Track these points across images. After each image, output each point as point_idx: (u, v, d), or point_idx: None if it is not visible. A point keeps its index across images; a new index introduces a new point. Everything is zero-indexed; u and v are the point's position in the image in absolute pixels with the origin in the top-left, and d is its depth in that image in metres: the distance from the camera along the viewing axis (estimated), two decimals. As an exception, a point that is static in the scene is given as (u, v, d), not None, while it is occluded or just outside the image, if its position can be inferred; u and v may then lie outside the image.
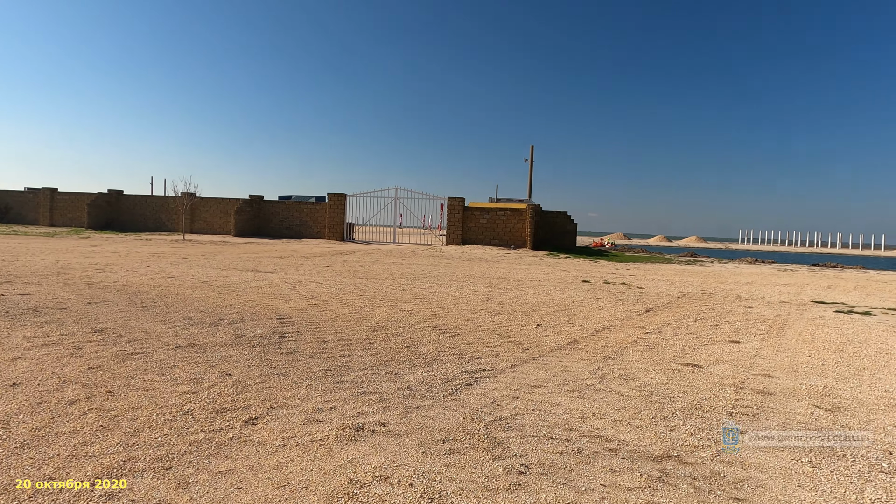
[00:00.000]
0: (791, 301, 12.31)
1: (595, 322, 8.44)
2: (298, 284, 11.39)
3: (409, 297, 10.17)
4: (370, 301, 9.50)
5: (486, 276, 14.96)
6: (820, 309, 11.21)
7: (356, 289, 11.09)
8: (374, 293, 10.56)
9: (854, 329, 8.73)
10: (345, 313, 8.12)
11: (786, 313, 10.30)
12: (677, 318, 9.21)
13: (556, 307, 9.82)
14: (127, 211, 35.51)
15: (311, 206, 33.07)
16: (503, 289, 12.37)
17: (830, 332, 8.44)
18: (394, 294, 10.54)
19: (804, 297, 13.30)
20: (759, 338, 7.69)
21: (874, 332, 8.50)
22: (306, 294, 10.03)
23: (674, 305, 10.79)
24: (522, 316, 8.69)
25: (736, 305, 11.15)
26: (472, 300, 10.24)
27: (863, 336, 8.14)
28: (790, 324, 9.08)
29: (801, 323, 9.23)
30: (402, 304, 9.36)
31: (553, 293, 11.89)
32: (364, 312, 8.28)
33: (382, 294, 10.48)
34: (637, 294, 12.37)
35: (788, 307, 11.26)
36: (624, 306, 10.32)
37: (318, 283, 11.66)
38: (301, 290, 10.48)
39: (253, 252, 20.57)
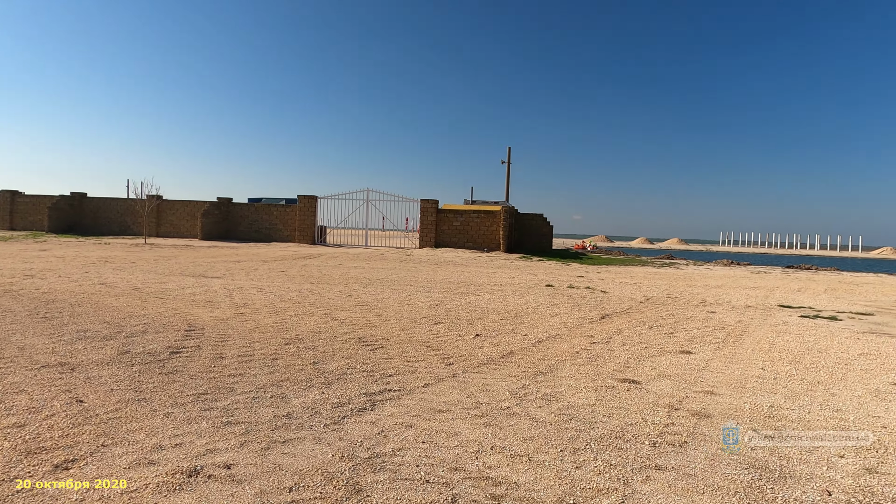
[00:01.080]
0: (757, 305, 11.85)
1: (542, 331, 7.86)
2: (238, 291, 10.68)
3: (351, 305, 9.52)
4: (305, 309, 8.83)
5: (447, 281, 14.35)
6: (785, 314, 10.75)
7: (298, 295, 10.42)
8: (315, 300, 9.89)
9: (816, 336, 8.25)
10: (268, 323, 7.45)
11: (748, 319, 9.81)
12: (632, 325, 8.67)
13: (506, 314, 9.23)
14: (91, 214, 34.36)
15: (280, 209, 32.24)
16: (459, 294, 11.77)
17: (791, 339, 7.94)
18: (335, 301, 9.89)
19: (771, 300, 12.87)
20: (713, 347, 7.15)
21: (836, 340, 8.02)
22: (240, 301, 9.34)
23: (633, 311, 10.26)
24: (465, 325, 8.09)
25: (698, 311, 10.65)
26: (418, 307, 9.62)
27: (824, 344, 7.65)
28: (750, 331, 8.58)
29: (762, 330, 8.73)
30: (339, 312, 8.71)
31: (510, 299, 11.31)
32: (290, 322, 7.61)
33: (323, 301, 9.82)
34: (598, 299, 11.84)
35: (753, 312, 10.79)
36: (579, 313, 9.76)
37: (259, 290, 10.96)
38: (237, 297, 9.79)
39: (211, 256, 19.77)
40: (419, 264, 19.95)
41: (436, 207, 30.54)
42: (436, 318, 8.58)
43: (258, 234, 32.19)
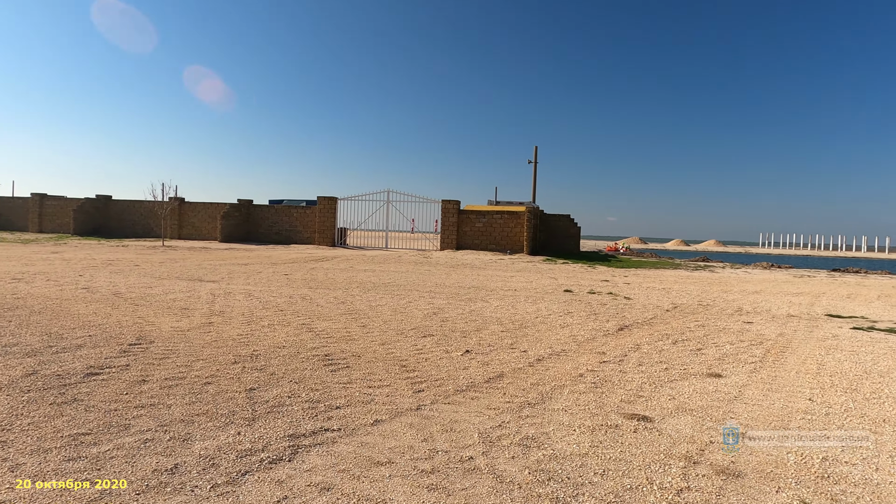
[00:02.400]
0: (801, 314, 10.50)
1: (545, 346, 6.80)
2: (224, 296, 9.90)
3: (338, 313, 8.61)
4: (284, 318, 7.96)
5: (458, 285, 13.35)
6: (834, 325, 9.41)
7: (286, 302, 9.57)
8: (302, 307, 9.03)
9: (874, 354, 6.97)
10: (231, 336, 6.59)
11: (791, 331, 8.54)
12: (653, 339, 7.52)
13: (509, 325, 8.19)
14: (115, 216, 34.53)
15: (301, 211, 31.73)
16: (465, 300, 10.76)
17: (844, 358, 6.69)
18: (323, 309, 9.00)
19: (817, 309, 11.46)
20: (748, 368, 5.98)
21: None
22: (218, 309, 8.53)
23: (657, 321, 9.08)
24: (458, 338, 7.08)
25: (733, 321, 9.40)
26: (413, 315, 8.65)
27: (885, 364, 6.39)
28: (794, 346, 7.34)
29: (808, 345, 7.48)
30: (320, 321, 7.81)
31: (520, 306, 10.25)
32: (257, 335, 6.74)
33: (310, 309, 8.94)
34: (620, 307, 10.67)
35: (796, 323, 9.47)
36: (595, 323, 8.64)
37: (248, 295, 10.16)
38: (218, 304, 8.99)
39: (221, 259, 19.21)
40: (434, 267, 19.00)
41: (457, 208, 29.55)
42: (427, 329, 7.59)
43: (278, 235, 31.75)
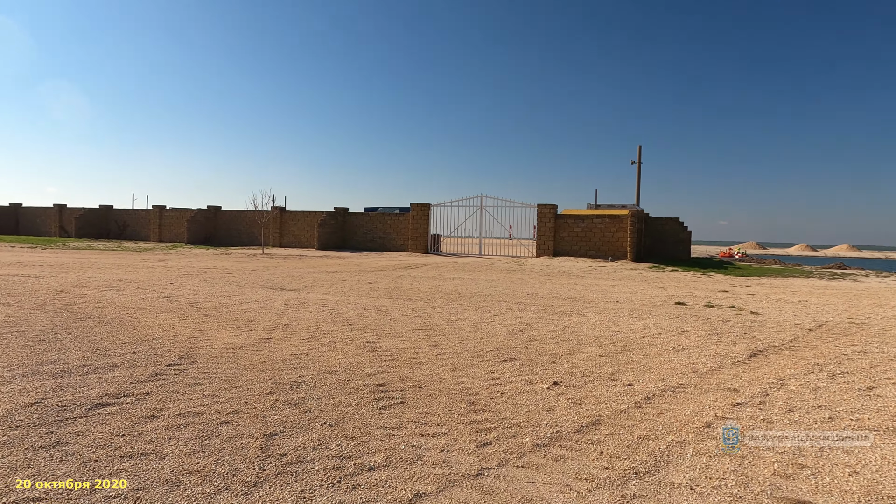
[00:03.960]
0: None
1: (656, 377, 5.41)
2: (298, 307, 9.33)
3: (411, 329, 7.67)
4: (349, 334, 7.14)
5: (552, 296, 12.03)
6: None
7: (358, 314, 8.80)
8: (373, 321, 8.19)
9: None
10: (283, 355, 5.82)
11: None
12: (800, 370, 5.86)
13: (610, 347, 6.83)
14: (224, 226, 36.36)
15: (394, 218, 31.58)
16: (559, 314, 9.46)
17: None
18: (396, 323, 8.10)
19: None
20: (954, 422, 4.27)
21: None
22: (285, 322, 7.90)
23: (799, 345, 7.30)
24: (546, 363, 5.87)
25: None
26: (495, 333, 7.52)
27: None
28: None
29: None
30: (387, 339, 6.89)
31: (623, 322, 8.79)
32: (314, 354, 5.92)
33: (382, 323, 8.08)
34: (747, 324, 8.87)
35: None
36: (718, 346, 7.05)
37: (322, 306, 9.52)
38: (288, 315, 8.39)
39: (311, 266, 19.14)
40: (528, 275, 17.71)
41: (554, 213, 27.98)
42: (510, 351, 6.43)
43: (373, 243, 31.80)
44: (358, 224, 32.40)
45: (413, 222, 30.29)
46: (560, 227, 27.88)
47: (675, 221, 30.29)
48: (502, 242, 31.66)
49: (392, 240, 31.42)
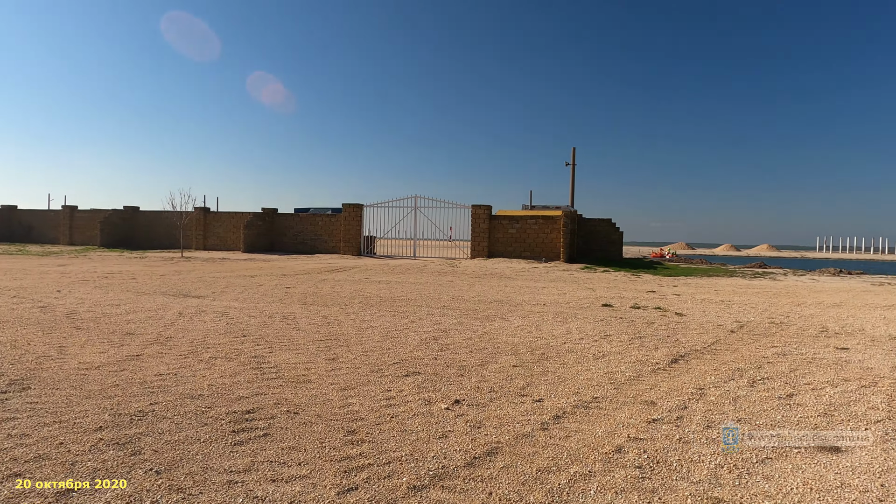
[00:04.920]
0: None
1: (571, 390, 4.91)
2: (193, 316, 8.38)
3: (313, 340, 6.92)
4: (241, 347, 6.32)
5: (478, 300, 11.53)
6: (961, 352, 7.16)
7: (260, 324, 7.96)
8: (274, 332, 7.39)
9: None
10: (147, 376, 4.96)
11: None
12: (721, 377, 5.52)
13: (527, 356, 6.33)
14: (143, 228, 34.09)
15: (325, 219, 30.46)
16: (481, 319, 8.94)
17: None
18: (298, 334, 7.34)
19: (926, 328, 9.12)
20: (878, 433, 3.96)
21: None
22: (169, 334, 6.98)
23: (721, 348, 7.04)
24: (452, 377, 5.27)
25: (821, 346, 7.26)
26: (406, 342, 6.88)
27: None
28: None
29: (945, 387, 5.35)
30: (282, 352, 6.13)
31: (546, 327, 8.35)
32: (185, 373, 5.09)
33: (283, 334, 7.30)
34: (671, 327, 8.63)
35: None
36: (640, 352, 6.68)
37: (221, 315, 8.60)
38: (175, 328, 7.46)
39: (229, 271, 17.92)
40: (458, 278, 17.20)
41: (489, 214, 27.70)
42: (416, 363, 5.80)
43: (303, 245, 30.55)
44: (288, 225, 31.06)
45: (345, 223, 29.30)
46: (495, 228, 27.62)
47: (607, 222, 30.68)
48: (438, 244, 31.13)
49: (324, 242, 30.30)
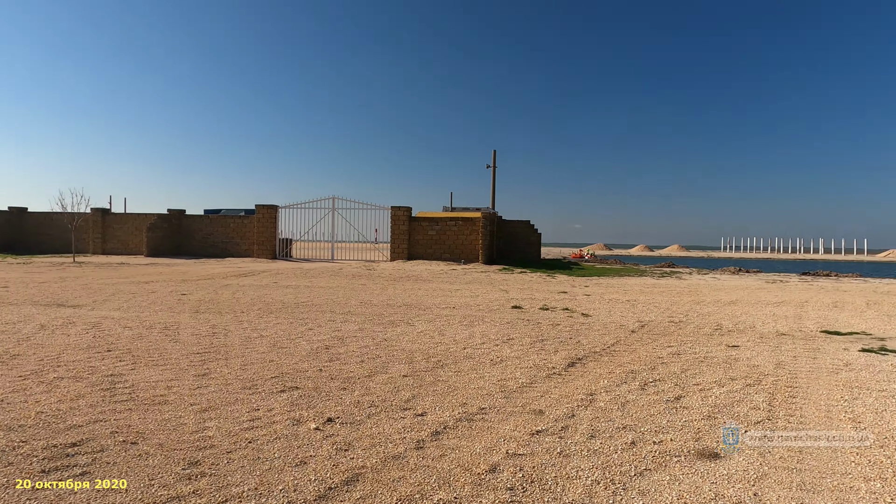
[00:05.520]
0: (793, 331, 8.62)
1: (458, 402, 4.62)
2: (57, 329, 7.47)
3: (189, 353, 6.28)
4: (96, 365, 5.60)
5: (387, 304, 11.13)
6: (837, 346, 7.52)
7: (135, 335, 7.19)
8: (147, 345, 6.67)
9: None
10: (-35, 404, 4.22)
11: (790, 359, 6.58)
12: (614, 380, 5.42)
13: (422, 363, 6.00)
14: (32, 231, 31.16)
15: (238, 221, 29.01)
16: (386, 324, 8.55)
17: (879, 406, 4.71)
18: (174, 347, 6.66)
19: (808, 323, 9.62)
20: (755, 434, 3.91)
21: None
22: (21, 351, 6.14)
23: (620, 349, 7.02)
24: (334, 391, 4.85)
25: (714, 345, 7.41)
26: (295, 353, 6.38)
27: (943, 418, 4.41)
28: (803, 387, 5.35)
29: (821, 383, 5.50)
30: (146, 368, 5.47)
31: (450, 331, 8.08)
32: (12, 399, 4.37)
33: (157, 347, 6.60)
34: (575, 328, 8.60)
35: (792, 344, 7.56)
36: (539, 356, 6.52)
37: (93, 326, 7.72)
38: (27, 344, 6.58)
39: (123, 277, 16.55)
40: (373, 280, 16.72)
41: (408, 215, 27.33)
42: (297, 376, 5.33)
43: (214, 248, 28.95)
44: (197, 228, 29.35)
45: (258, 225, 28.03)
46: (415, 230, 27.30)
47: (526, 224, 31.13)
48: (358, 246, 30.40)
49: (236, 245, 28.85)
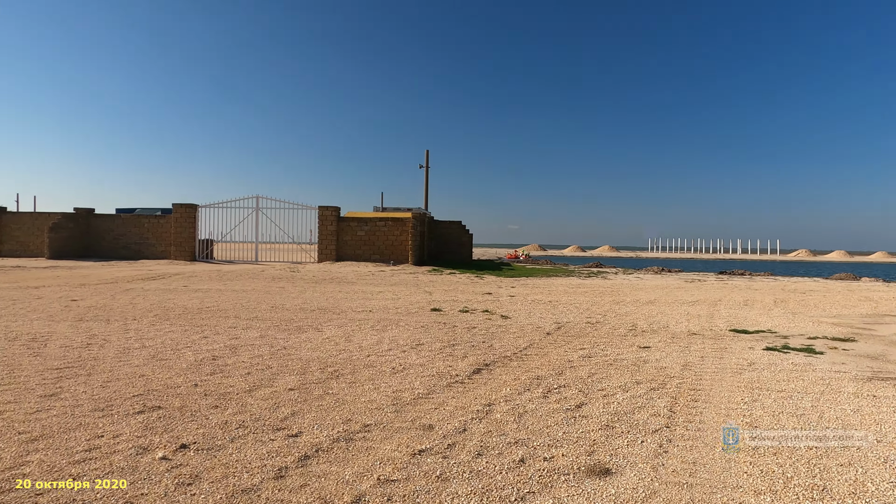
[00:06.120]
0: (703, 331, 8.70)
1: (343, 417, 4.18)
2: None
3: (47, 369, 5.53)
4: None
5: (301, 308, 10.51)
6: (744, 344, 7.60)
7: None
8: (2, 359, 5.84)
9: (809, 390, 4.99)
10: None
11: (698, 360, 6.54)
12: (517, 387, 5.13)
13: (316, 374, 5.51)
14: (-85, 231, 28.17)
15: (153, 221, 27.29)
16: (292, 330, 7.99)
17: (774, 404, 4.64)
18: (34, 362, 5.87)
19: (719, 321, 9.79)
20: (650, 449, 3.69)
21: (843, 397, 4.79)
22: None
23: (531, 353, 6.78)
24: (202, 411, 4.29)
25: (626, 346, 7.31)
26: (173, 366, 5.74)
27: (831, 413, 4.35)
28: (706, 390, 5.24)
29: (724, 383, 5.43)
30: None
31: (357, 338, 7.62)
32: None
33: (12, 363, 5.78)
34: (490, 331, 8.33)
35: (701, 344, 7.58)
36: (445, 362, 6.17)
37: (-58, 340, 6.75)
38: None
39: (10, 282, 15.02)
40: (293, 283, 15.96)
41: (337, 215, 26.55)
42: (166, 394, 4.73)
43: (126, 250, 27.09)
44: (107, 228, 27.39)
45: (176, 226, 26.47)
46: (343, 230, 26.55)
47: (458, 225, 31.03)
48: (285, 247, 29.28)
49: (151, 246, 27.13)
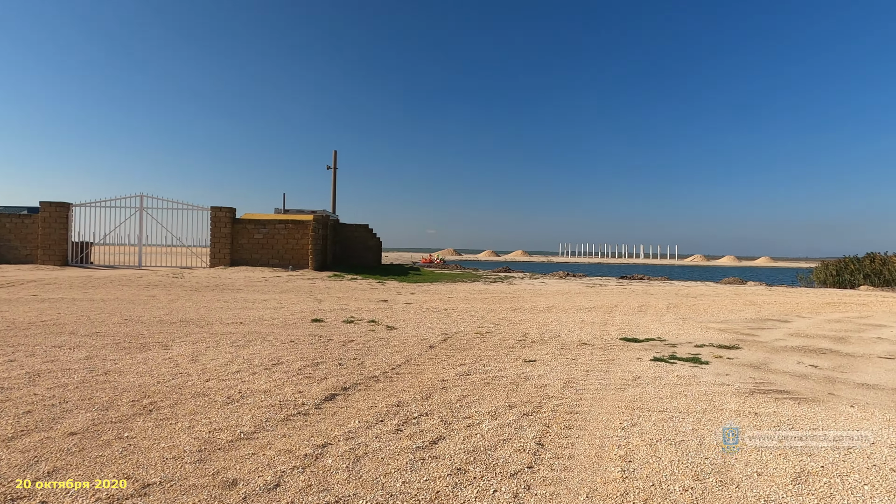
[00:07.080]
0: (594, 340, 8.35)
1: (127, 470, 3.21)
2: None
3: None
4: None
5: (160, 320, 9.22)
6: (632, 355, 7.28)
7: None
8: None
9: (692, 409, 4.59)
10: None
11: (583, 375, 6.07)
12: (369, 420, 4.36)
13: (123, 407, 4.47)
14: None
15: (15, 221, 24.20)
16: (131, 349, 6.80)
17: (653, 429, 4.16)
18: None
19: (611, 329, 9.54)
20: (503, 496, 3.03)
21: (725, 415, 4.40)
22: None
23: (406, 371, 6.05)
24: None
25: (510, 361, 6.75)
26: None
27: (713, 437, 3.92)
28: (585, 409, 4.72)
29: (605, 403, 4.94)
30: None
31: (210, 354, 6.58)
32: None
33: None
34: (370, 344, 7.54)
35: (589, 355, 7.17)
36: (299, 385, 5.30)
37: None
38: None
39: None
40: (169, 291, 14.38)
41: (231, 217, 24.76)
42: None
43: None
44: (-42, 229, 24.02)
45: (44, 227, 23.65)
46: (239, 233, 24.81)
47: (364, 228, 30.01)
48: (174, 251, 26.98)
49: (14, 249, 24.07)
